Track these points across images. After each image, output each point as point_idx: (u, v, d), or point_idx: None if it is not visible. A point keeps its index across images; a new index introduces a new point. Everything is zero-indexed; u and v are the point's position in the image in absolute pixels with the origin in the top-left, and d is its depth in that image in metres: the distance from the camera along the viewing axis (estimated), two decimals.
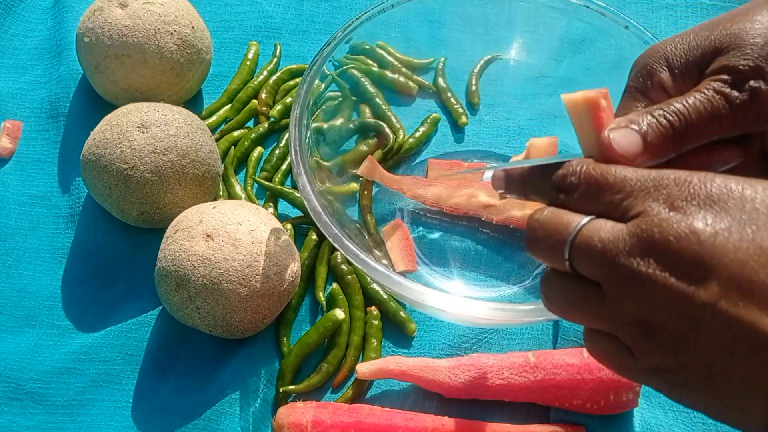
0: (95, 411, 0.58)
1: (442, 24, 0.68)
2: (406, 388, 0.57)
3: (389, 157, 0.67)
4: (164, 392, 0.58)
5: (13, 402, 0.58)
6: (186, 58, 0.68)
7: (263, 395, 0.57)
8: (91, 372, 0.59)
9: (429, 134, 0.70)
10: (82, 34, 0.67)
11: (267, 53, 0.77)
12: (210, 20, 0.77)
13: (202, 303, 0.55)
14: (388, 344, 0.59)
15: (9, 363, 0.59)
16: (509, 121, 0.70)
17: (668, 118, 0.36)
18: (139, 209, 0.61)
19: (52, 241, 0.66)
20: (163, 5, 0.67)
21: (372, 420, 0.53)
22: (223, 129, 0.71)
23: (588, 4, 0.60)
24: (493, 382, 0.54)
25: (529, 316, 0.48)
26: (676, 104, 0.36)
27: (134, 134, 0.60)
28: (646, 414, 0.55)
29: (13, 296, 0.63)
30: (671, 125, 0.36)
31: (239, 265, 0.54)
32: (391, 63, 0.70)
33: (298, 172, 0.53)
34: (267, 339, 0.60)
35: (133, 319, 0.61)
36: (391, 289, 0.49)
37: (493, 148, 0.69)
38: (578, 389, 0.53)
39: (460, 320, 0.57)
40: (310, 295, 0.62)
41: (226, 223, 0.56)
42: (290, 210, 0.67)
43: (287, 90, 0.73)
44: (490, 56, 0.71)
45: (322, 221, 0.51)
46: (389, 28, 0.65)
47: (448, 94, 0.71)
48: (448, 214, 0.65)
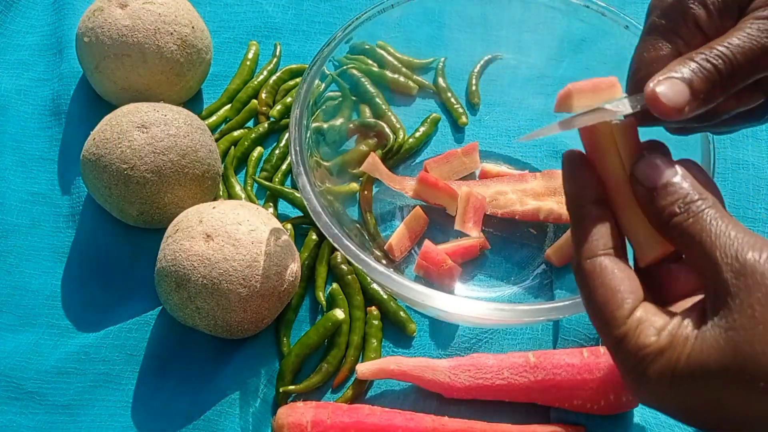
0: (95, 411, 0.58)
1: (442, 24, 0.68)
2: (406, 388, 0.57)
3: (389, 157, 0.67)
4: (164, 392, 0.58)
5: (13, 402, 0.58)
6: (186, 58, 0.68)
7: (263, 395, 0.57)
8: (91, 372, 0.59)
9: (429, 134, 0.70)
10: (82, 34, 0.67)
11: (267, 53, 0.77)
12: (210, 20, 0.77)
13: (202, 303, 0.55)
14: (388, 344, 0.59)
15: (9, 362, 0.59)
16: (509, 121, 0.70)
17: (713, 62, 0.34)
18: (139, 209, 0.61)
19: (52, 240, 0.66)
20: (163, 5, 0.67)
21: (372, 420, 0.53)
22: (223, 129, 0.71)
23: (588, 4, 0.61)
24: (493, 382, 0.54)
25: (529, 316, 0.48)
26: (719, 47, 0.34)
27: (134, 134, 0.60)
28: (646, 414, 0.55)
29: (13, 294, 0.63)
30: (717, 70, 0.34)
31: (239, 265, 0.54)
32: (391, 63, 0.70)
33: (298, 172, 0.53)
34: (267, 339, 0.60)
35: (133, 319, 0.61)
36: (391, 289, 0.50)
37: (493, 148, 0.69)
38: (578, 389, 0.53)
39: (460, 320, 0.57)
40: (310, 295, 0.62)
41: (226, 223, 0.56)
42: (290, 210, 0.67)
43: (287, 90, 0.73)
44: (490, 56, 0.71)
45: (322, 221, 0.51)
46: (389, 28, 0.65)
47: (448, 94, 0.71)
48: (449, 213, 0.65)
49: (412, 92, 0.71)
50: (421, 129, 0.69)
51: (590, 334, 0.58)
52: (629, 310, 0.32)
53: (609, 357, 0.53)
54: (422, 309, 0.56)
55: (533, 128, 0.69)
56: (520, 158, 0.68)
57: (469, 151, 0.66)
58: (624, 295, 0.33)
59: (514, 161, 0.68)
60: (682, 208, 0.32)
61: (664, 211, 0.33)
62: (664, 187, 0.33)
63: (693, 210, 0.32)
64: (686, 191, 0.33)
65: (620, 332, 0.32)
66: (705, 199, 0.33)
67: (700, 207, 0.32)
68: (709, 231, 0.31)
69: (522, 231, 0.64)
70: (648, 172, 0.34)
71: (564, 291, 0.60)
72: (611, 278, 0.33)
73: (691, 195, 0.33)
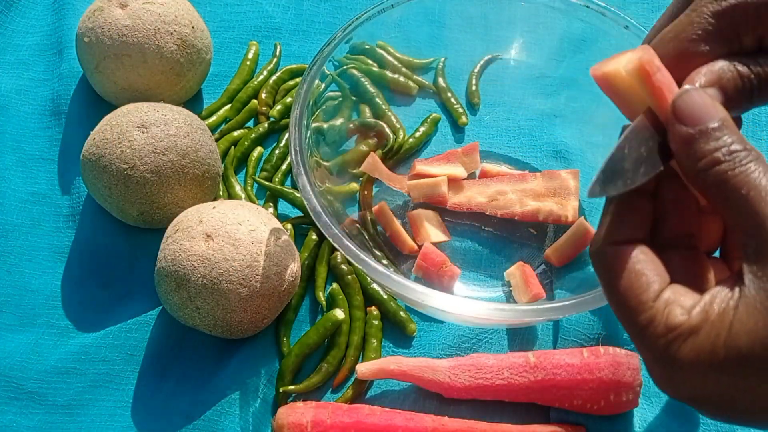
0: (95, 411, 0.58)
1: (442, 24, 0.68)
2: (406, 388, 0.57)
3: (389, 157, 0.67)
4: (164, 392, 0.58)
5: (13, 402, 0.58)
6: (186, 58, 0.68)
7: (263, 395, 0.57)
8: (91, 372, 0.59)
9: (429, 134, 0.70)
10: (81, 34, 0.67)
11: (267, 53, 0.77)
12: (210, 20, 0.77)
13: (202, 303, 0.55)
14: (388, 344, 0.59)
15: (9, 362, 0.59)
16: (509, 121, 0.70)
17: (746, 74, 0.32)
18: (139, 209, 0.61)
19: (52, 240, 0.66)
20: (163, 5, 0.67)
21: (372, 420, 0.53)
22: (223, 129, 0.71)
23: (588, 4, 0.60)
24: (493, 382, 0.54)
25: (529, 316, 0.48)
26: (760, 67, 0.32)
27: (134, 134, 0.60)
28: (646, 414, 0.55)
29: (13, 294, 0.63)
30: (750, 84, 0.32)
31: (239, 265, 0.54)
32: (391, 63, 0.70)
33: (298, 172, 0.53)
34: (267, 339, 0.60)
35: (133, 319, 0.61)
36: (392, 289, 0.50)
37: (493, 148, 0.69)
38: (578, 389, 0.53)
39: (460, 320, 0.57)
40: (310, 295, 0.62)
41: (226, 223, 0.56)
42: (290, 210, 0.67)
43: (287, 90, 0.73)
44: (490, 56, 0.71)
45: (322, 221, 0.51)
46: (389, 28, 0.65)
47: (448, 94, 0.71)
48: (449, 213, 0.65)
49: (412, 92, 0.71)
50: (421, 129, 0.69)
51: (590, 334, 0.58)
52: (656, 292, 0.30)
53: (609, 357, 0.53)
54: (422, 309, 0.56)
55: (533, 128, 0.69)
56: (520, 158, 0.68)
57: (469, 151, 0.66)
58: (650, 278, 0.30)
59: (514, 161, 0.68)
60: (728, 157, 0.29)
61: (705, 157, 0.30)
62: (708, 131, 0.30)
63: (738, 160, 0.29)
64: (732, 139, 0.30)
65: (647, 316, 0.29)
66: (750, 151, 0.30)
67: (747, 158, 0.29)
68: (756, 184, 0.29)
69: (522, 231, 0.64)
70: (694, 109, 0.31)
71: (564, 291, 0.60)
72: (635, 262, 0.31)
73: (737, 145, 0.30)
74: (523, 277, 0.59)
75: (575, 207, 0.63)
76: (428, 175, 0.64)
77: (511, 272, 0.61)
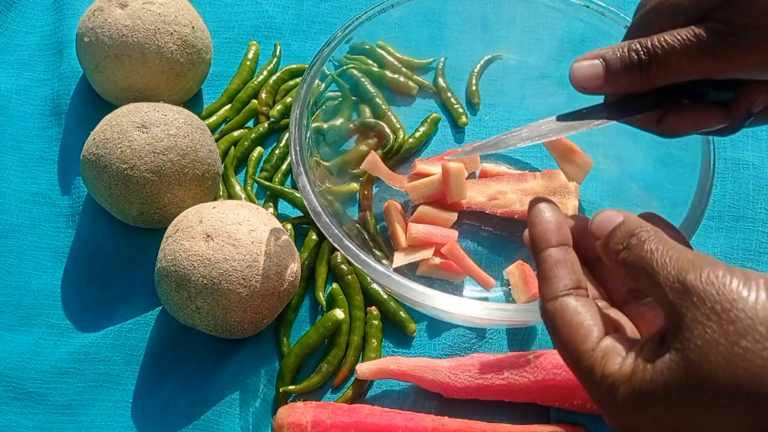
0: (95, 411, 0.58)
1: (442, 24, 0.68)
2: (406, 388, 0.57)
3: (389, 157, 0.67)
4: (164, 392, 0.58)
5: (13, 402, 0.58)
6: (186, 58, 0.68)
7: (263, 395, 0.57)
8: (91, 372, 0.59)
9: (429, 134, 0.70)
10: (81, 34, 0.67)
11: (267, 53, 0.77)
12: (210, 20, 0.77)
13: (202, 303, 0.55)
14: (388, 344, 0.59)
15: (9, 362, 0.59)
16: (509, 121, 0.70)
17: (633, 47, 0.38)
18: (139, 209, 0.61)
19: (52, 240, 0.66)
20: (163, 5, 0.67)
21: (372, 420, 0.53)
22: (223, 129, 0.71)
23: (588, 4, 0.60)
24: (493, 382, 0.54)
25: (529, 316, 0.48)
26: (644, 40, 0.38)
27: (134, 134, 0.60)
28: None
29: (13, 294, 0.63)
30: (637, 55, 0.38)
31: (239, 265, 0.54)
32: (391, 63, 0.70)
33: (298, 172, 0.53)
34: (267, 339, 0.60)
35: (133, 319, 0.61)
36: (392, 289, 0.50)
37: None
38: (578, 389, 0.53)
39: (460, 320, 0.57)
40: (310, 295, 0.62)
41: (226, 223, 0.56)
42: (290, 210, 0.67)
43: (287, 90, 0.73)
44: (490, 56, 0.71)
45: (322, 221, 0.51)
46: (389, 28, 0.65)
47: (448, 94, 0.71)
48: None
49: (412, 92, 0.71)
50: (421, 129, 0.69)
51: None
52: (594, 342, 0.33)
53: None
54: (422, 309, 0.56)
55: None
56: (520, 158, 0.68)
57: None
58: (587, 329, 0.33)
59: (514, 161, 0.68)
60: (624, 244, 0.34)
61: (615, 254, 0.34)
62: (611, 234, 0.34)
63: (632, 243, 0.33)
64: (626, 228, 0.34)
65: (587, 364, 0.32)
66: (643, 229, 0.33)
67: (639, 238, 0.33)
68: (650, 258, 0.32)
69: (522, 230, 0.63)
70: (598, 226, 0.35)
71: None
72: (573, 315, 0.34)
73: (630, 230, 0.34)
74: (523, 276, 0.59)
75: (575, 206, 0.63)
76: (429, 174, 0.64)
77: (511, 271, 0.61)
